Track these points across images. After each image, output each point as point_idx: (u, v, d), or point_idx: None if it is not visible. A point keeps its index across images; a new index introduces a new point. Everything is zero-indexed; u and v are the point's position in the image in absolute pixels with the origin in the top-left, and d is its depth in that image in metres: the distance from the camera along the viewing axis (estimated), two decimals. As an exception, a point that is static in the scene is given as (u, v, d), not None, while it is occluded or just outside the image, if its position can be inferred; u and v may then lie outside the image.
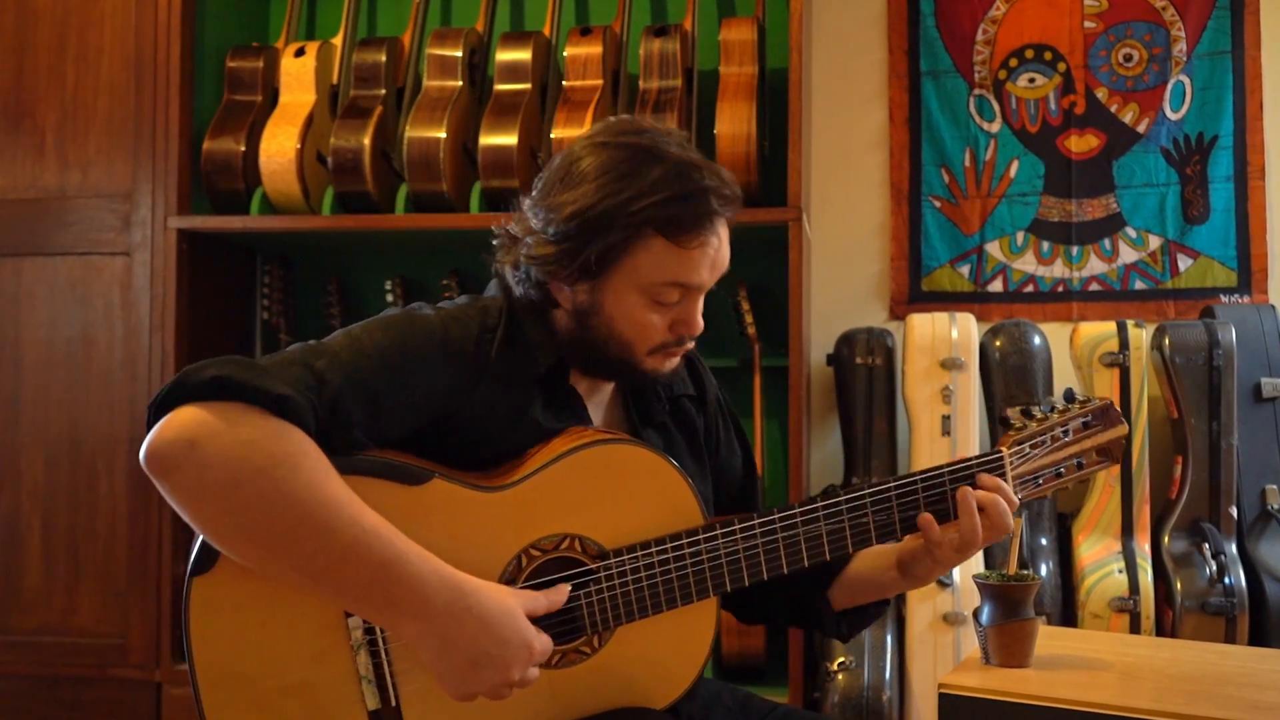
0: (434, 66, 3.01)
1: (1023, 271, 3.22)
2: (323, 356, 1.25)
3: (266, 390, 1.17)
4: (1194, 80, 3.17)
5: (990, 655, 1.51)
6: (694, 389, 1.56)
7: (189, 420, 1.16)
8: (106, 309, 3.00)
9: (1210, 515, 2.80)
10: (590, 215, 1.32)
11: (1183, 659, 1.59)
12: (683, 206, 1.32)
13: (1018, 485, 1.44)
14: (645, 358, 1.39)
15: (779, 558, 1.37)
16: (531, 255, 1.36)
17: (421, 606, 1.19)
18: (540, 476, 1.32)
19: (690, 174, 1.34)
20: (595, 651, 1.35)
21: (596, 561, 1.33)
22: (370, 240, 3.13)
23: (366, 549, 1.17)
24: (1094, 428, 1.48)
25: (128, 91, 3.01)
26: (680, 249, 1.33)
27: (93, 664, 2.96)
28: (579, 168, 1.35)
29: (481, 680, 1.21)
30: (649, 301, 1.36)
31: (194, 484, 1.15)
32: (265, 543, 1.17)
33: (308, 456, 1.17)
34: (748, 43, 2.96)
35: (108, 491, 2.97)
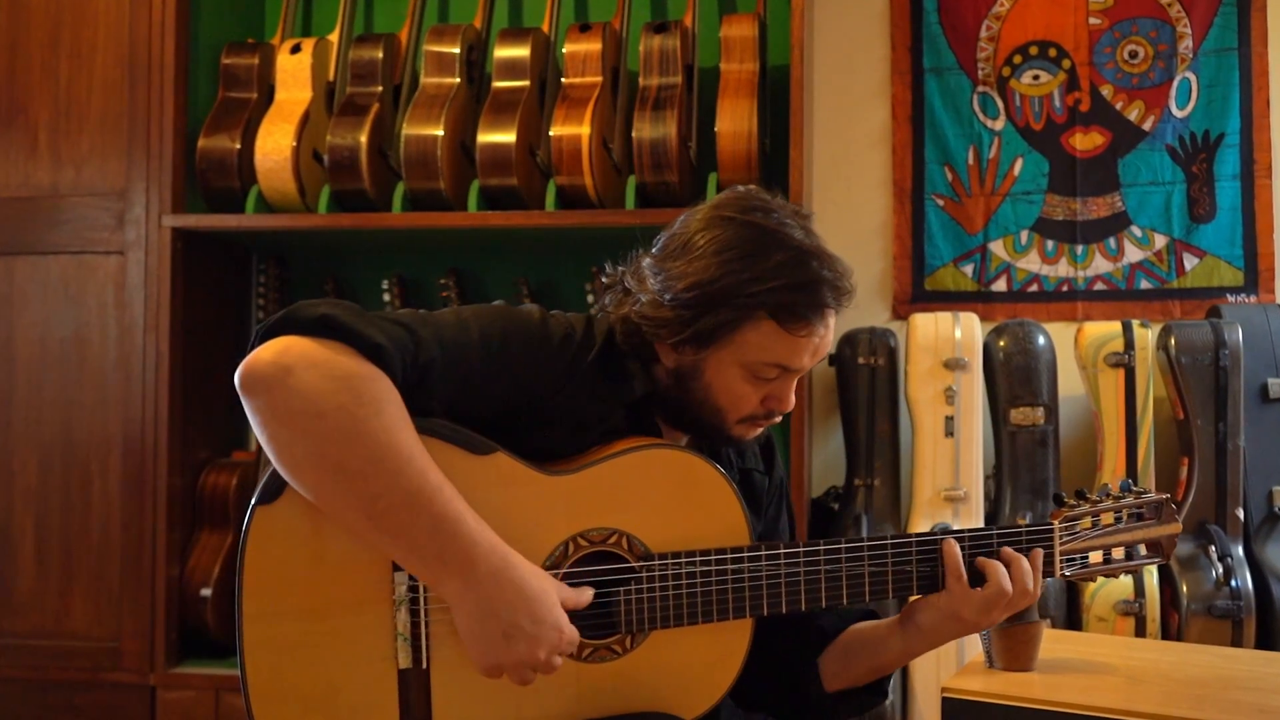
0: (431, 63, 3.01)
1: (1027, 271, 3.22)
2: (429, 326, 1.31)
3: (368, 337, 1.23)
4: (1200, 77, 3.17)
5: (994, 659, 1.51)
6: (764, 466, 1.60)
7: (290, 347, 1.22)
8: (100, 309, 3.00)
9: (1217, 517, 2.80)
10: (708, 290, 1.36)
11: (1189, 663, 1.59)
12: (798, 295, 1.36)
13: (1064, 563, 1.46)
14: (734, 425, 1.43)
15: (819, 590, 1.40)
16: (644, 315, 1.40)
17: (469, 566, 1.23)
18: (600, 468, 1.35)
19: (810, 263, 1.37)
20: (626, 652, 1.37)
21: (640, 561, 1.36)
22: (367, 239, 3.13)
23: (429, 500, 1.22)
24: (1148, 521, 1.50)
25: (122, 88, 3.00)
26: (789, 335, 1.37)
27: (86, 668, 2.95)
28: (703, 239, 1.39)
29: (511, 653, 1.24)
30: (748, 375, 1.40)
31: (280, 407, 1.20)
32: (334, 476, 1.21)
33: (390, 404, 1.23)
34: (748, 39, 2.96)
35: (101, 493, 2.97)
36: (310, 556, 1.27)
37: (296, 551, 1.27)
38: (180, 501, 2.99)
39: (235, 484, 3.05)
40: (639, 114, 2.89)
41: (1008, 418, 2.90)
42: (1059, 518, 1.47)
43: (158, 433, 2.93)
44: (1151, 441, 2.84)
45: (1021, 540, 1.45)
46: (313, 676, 1.27)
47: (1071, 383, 2.99)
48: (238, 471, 3.07)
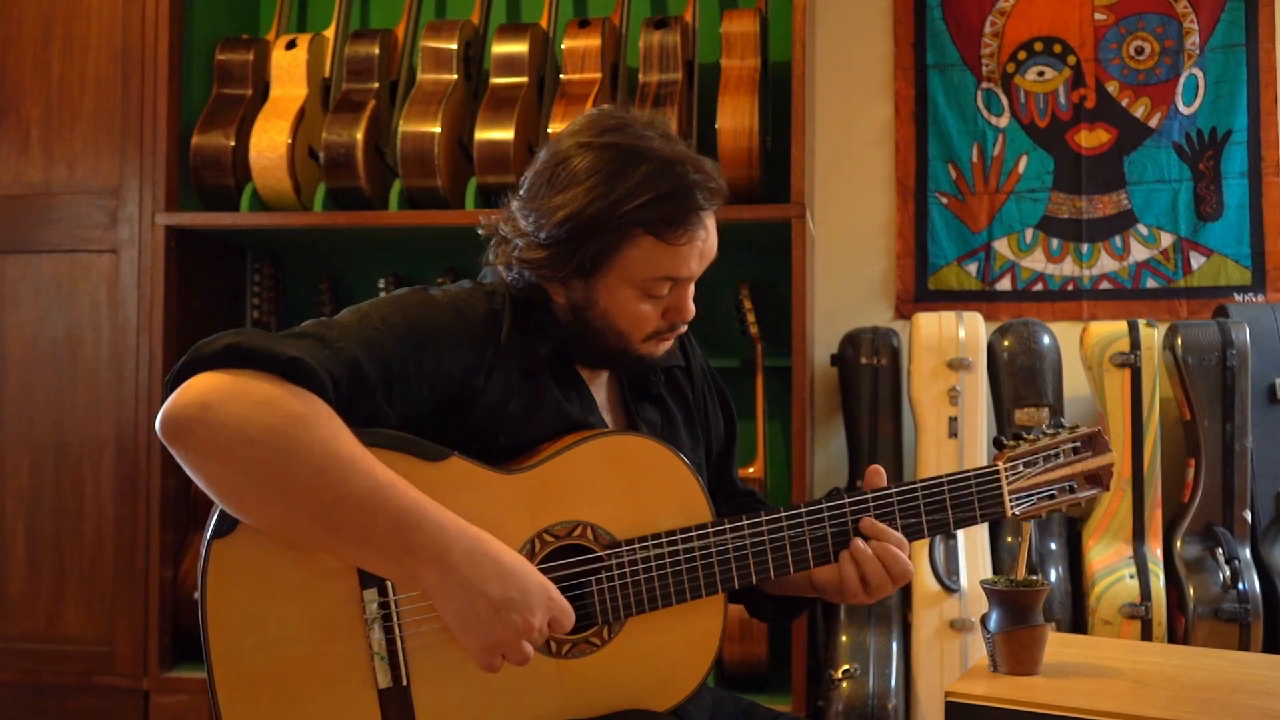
0: (428, 59, 3.01)
1: (1031, 269, 3.22)
2: (333, 328, 1.30)
3: (279, 354, 1.22)
4: (1207, 74, 3.17)
5: (998, 663, 1.51)
6: (683, 360, 1.62)
7: (203, 385, 1.20)
8: (93, 308, 3.00)
9: (1224, 519, 2.80)
10: (580, 219, 1.37)
11: (1195, 667, 1.59)
12: (670, 205, 1.37)
13: (1013, 503, 1.49)
14: (640, 345, 1.46)
15: (785, 556, 1.42)
16: (524, 259, 1.42)
17: (442, 552, 1.23)
18: (557, 462, 1.36)
19: (675, 170, 1.38)
20: (605, 643, 1.38)
21: (608, 550, 1.37)
22: (363, 237, 3.13)
23: (384, 498, 1.21)
24: (1084, 454, 1.55)
25: (115, 85, 3.01)
26: (669, 246, 1.39)
27: (79, 672, 2.95)
28: (567, 169, 1.40)
29: (505, 626, 1.24)
30: (641, 294, 1.42)
31: (208, 444, 1.19)
32: (281, 498, 1.21)
33: (320, 416, 1.21)
34: (750, 35, 2.96)
35: (94, 495, 2.97)
36: (274, 587, 1.26)
37: (259, 583, 1.25)
38: (174, 503, 2.99)
39: (230, 485, 3.05)
40: (639, 111, 2.88)
41: (1012, 419, 2.90)
42: (1002, 459, 1.51)
43: (151, 434, 2.93)
44: (1158, 442, 2.84)
45: (971, 486, 1.47)
46: (291, 709, 1.26)
47: (1077, 383, 2.99)
48: (232, 473, 3.07)
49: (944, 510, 1.46)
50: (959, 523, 1.47)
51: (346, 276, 3.34)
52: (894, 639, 2.78)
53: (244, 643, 1.25)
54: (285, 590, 1.26)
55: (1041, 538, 2.86)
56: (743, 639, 2.84)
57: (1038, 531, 2.86)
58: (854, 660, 2.74)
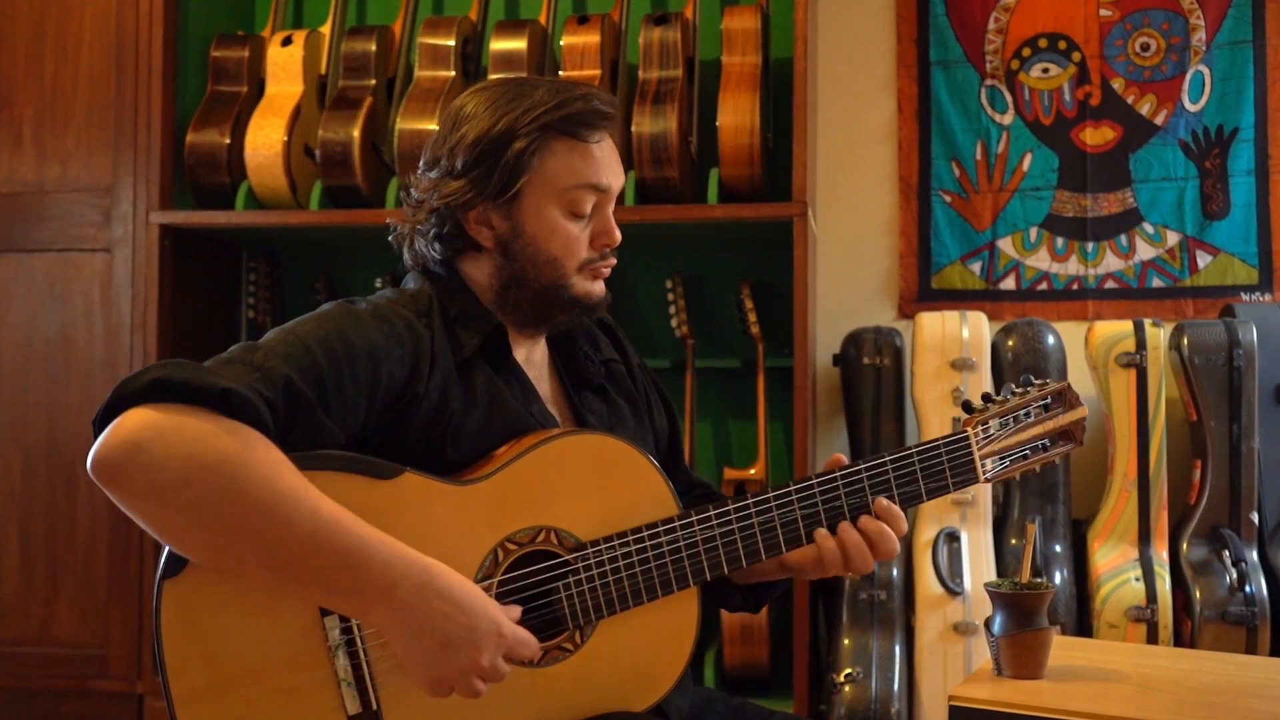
0: (426, 56, 3.01)
1: (1036, 269, 3.22)
2: (259, 350, 1.27)
3: (209, 386, 1.19)
4: (1214, 70, 3.17)
5: (1002, 666, 1.51)
6: (618, 355, 1.62)
7: (132, 424, 1.17)
8: (86, 307, 3.00)
9: (1230, 521, 2.80)
10: (491, 135, 1.41)
11: (1202, 670, 1.59)
12: (575, 106, 1.42)
13: (985, 465, 1.48)
14: (575, 277, 1.46)
15: (755, 542, 1.41)
16: (444, 195, 1.43)
17: (389, 591, 1.21)
18: (512, 469, 1.34)
19: (571, 87, 1.45)
20: (578, 648, 1.36)
21: (574, 554, 1.36)
22: (360, 235, 3.13)
23: (328, 538, 1.19)
24: (1054, 410, 1.54)
25: (108, 82, 3.01)
26: (583, 144, 1.43)
27: (72, 676, 2.96)
28: (464, 112, 1.45)
29: (452, 663, 1.23)
30: (566, 212, 1.44)
31: (142, 486, 1.17)
32: (222, 540, 1.19)
33: (256, 451, 1.19)
34: (751, 31, 2.96)
35: (87, 497, 2.97)
36: (231, 622, 1.24)
37: (216, 620, 1.23)
38: (168, 505, 2.99)
39: (225, 487, 3.05)
40: (638, 108, 2.89)
41: (1016, 419, 2.90)
42: (971, 424, 1.49)
43: (145, 435, 2.93)
44: (1164, 443, 2.84)
45: (941, 455, 1.45)
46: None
47: (1082, 383, 2.97)
48: (227, 474, 3.07)
49: (915, 481, 1.44)
50: (931, 492, 1.45)
51: (343, 275, 3.34)
52: (897, 642, 2.78)
53: (205, 682, 1.23)
54: (243, 625, 1.24)
55: (1046, 540, 2.86)
56: (744, 642, 2.84)
57: (1042, 534, 2.86)
58: (856, 664, 2.74)
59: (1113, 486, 2.85)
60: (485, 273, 1.46)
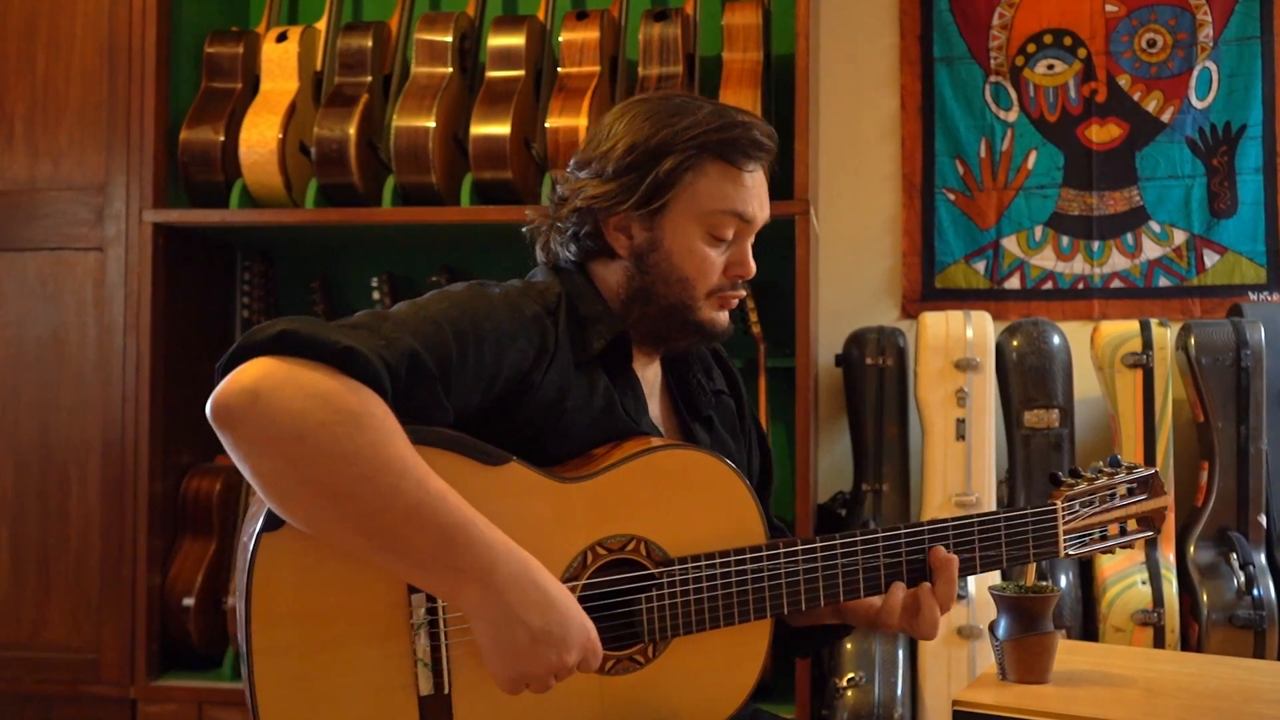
0: (422, 52, 3.01)
1: (1041, 268, 3.22)
2: (389, 320, 1.28)
3: (334, 343, 1.19)
4: (1221, 67, 3.17)
5: (1007, 671, 1.51)
6: (729, 389, 1.64)
7: (254, 373, 1.18)
8: (79, 307, 3.00)
9: (1238, 524, 2.80)
10: (646, 145, 1.42)
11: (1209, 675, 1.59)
12: (735, 132, 1.43)
13: (1067, 541, 1.50)
14: (703, 302, 1.47)
15: (836, 584, 1.42)
16: (590, 196, 1.45)
17: (487, 573, 1.21)
18: (615, 473, 1.36)
19: (734, 112, 1.46)
20: (649, 662, 1.38)
21: (659, 567, 1.37)
22: (356, 235, 3.13)
23: (432, 511, 1.20)
24: (1138, 495, 1.56)
25: (101, 79, 3.00)
26: (736, 170, 1.44)
27: (64, 680, 2.95)
28: (622, 123, 1.46)
29: (539, 660, 1.23)
30: (706, 235, 1.45)
31: (257, 436, 1.17)
32: (326, 500, 1.19)
33: (373, 415, 1.19)
34: (752, 27, 2.96)
35: (80, 499, 2.97)
36: (321, 584, 1.25)
37: (306, 580, 1.24)
38: (162, 508, 2.99)
39: (219, 489, 3.05)
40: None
41: (1021, 420, 2.90)
42: (1060, 497, 1.50)
43: (138, 436, 2.93)
44: (1170, 445, 2.84)
45: (1028, 524, 1.47)
46: (330, 711, 1.25)
47: (1087, 384, 2.99)
48: (221, 476, 3.07)
49: (998, 546, 1.47)
50: (1012, 560, 1.48)
51: (339, 275, 3.34)
52: (900, 646, 2.78)
53: (287, 640, 1.24)
54: (331, 590, 1.25)
55: (1051, 543, 2.86)
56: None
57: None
58: (859, 668, 2.74)
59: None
60: (615, 280, 1.48)
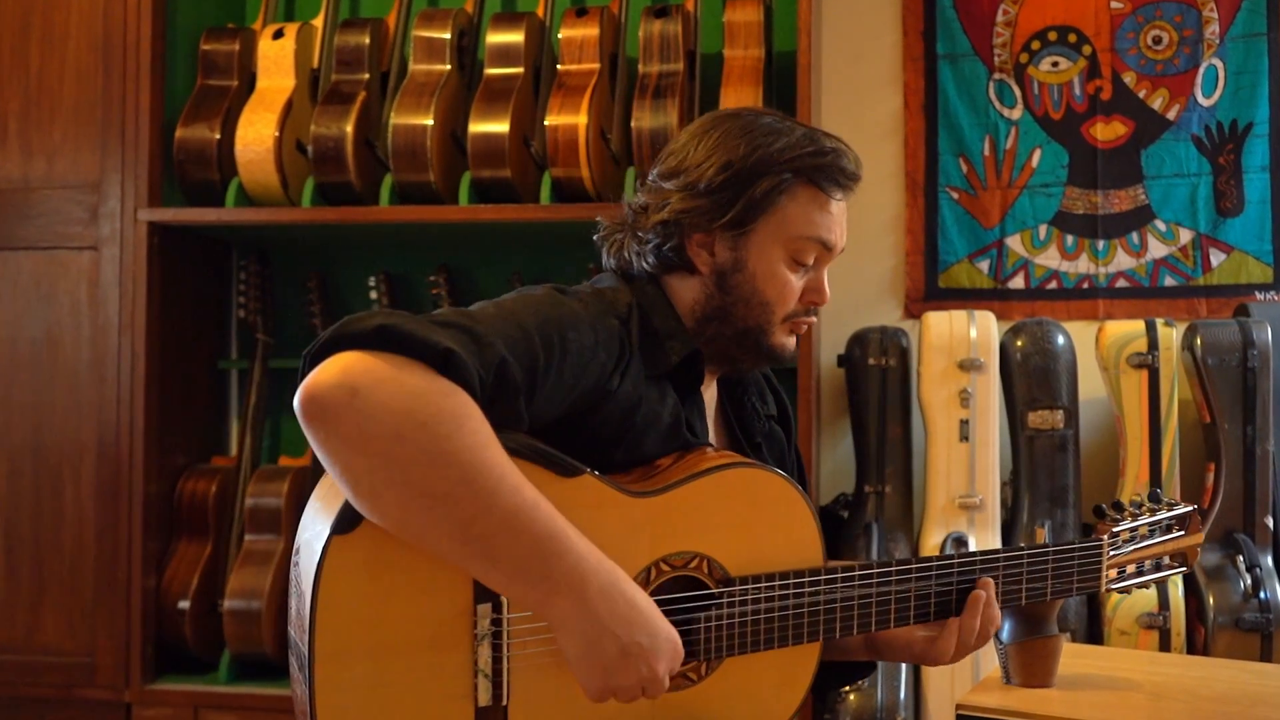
0: (420, 49, 3.01)
1: (1045, 267, 3.22)
2: (480, 323, 1.26)
3: (434, 344, 1.18)
4: (1227, 64, 3.17)
5: (1011, 674, 1.51)
6: (778, 415, 1.65)
7: (352, 366, 1.16)
8: (73, 307, 3.00)
9: (1244, 526, 2.80)
10: (744, 164, 1.42)
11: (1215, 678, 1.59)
12: (828, 158, 1.44)
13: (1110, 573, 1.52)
14: (778, 326, 1.47)
15: (889, 610, 1.44)
16: (678, 210, 1.44)
17: (580, 584, 1.21)
18: (682, 490, 1.36)
19: (826, 137, 1.47)
20: (701, 679, 1.39)
21: (720, 586, 1.38)
22: (353, 234, 3.13)
23: (529, 519, 1.19)
24: (1175, 531, 1.58)
25: (95, 76, 3.01)
26: (827, 198, 1.45)
27: (58, 684, 2.95)
28: (715, 134, 1.45)
29: (629, 672, 1.23)
30: (789, 259, 1.46)
31: (353, 433, 1.15)
32: (421, 503, 1.18)
33: (472, 418, 1.18)
34: (754, 24, 2.96)
35: (74, 501, 2.97)
36: (387, 591, 1.24)
37: (373, 586, 1.24)
38: (157, 509, 2.99)
39: (214, 491, 3.05)
40: (638, 103, 2.89)
41: (1025, 421, 2.90)
42: (1106, 532, 1.52)
43: (133, 437, 2.93)
44: (1176, 446, 2.84)
45: (1074, 558, 1.49)
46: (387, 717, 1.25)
47: (1092, 384, 2.99)
48: (217, 478, 3.07)
49: (1045, 579, 1.49)
50: (1056, 593, 1.50)
51: (336, 274, 3.34)
52: (903, 650, 2.77)
53: (350, 644, 1.23)
54: (398, 596, 1.24)
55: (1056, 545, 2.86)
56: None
57: (1052, 538, 2.86)
58: (862, 672, 2.74)
59: (1124, 490, 2.85)
60: (692, 296, 1.47)
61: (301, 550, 1.27)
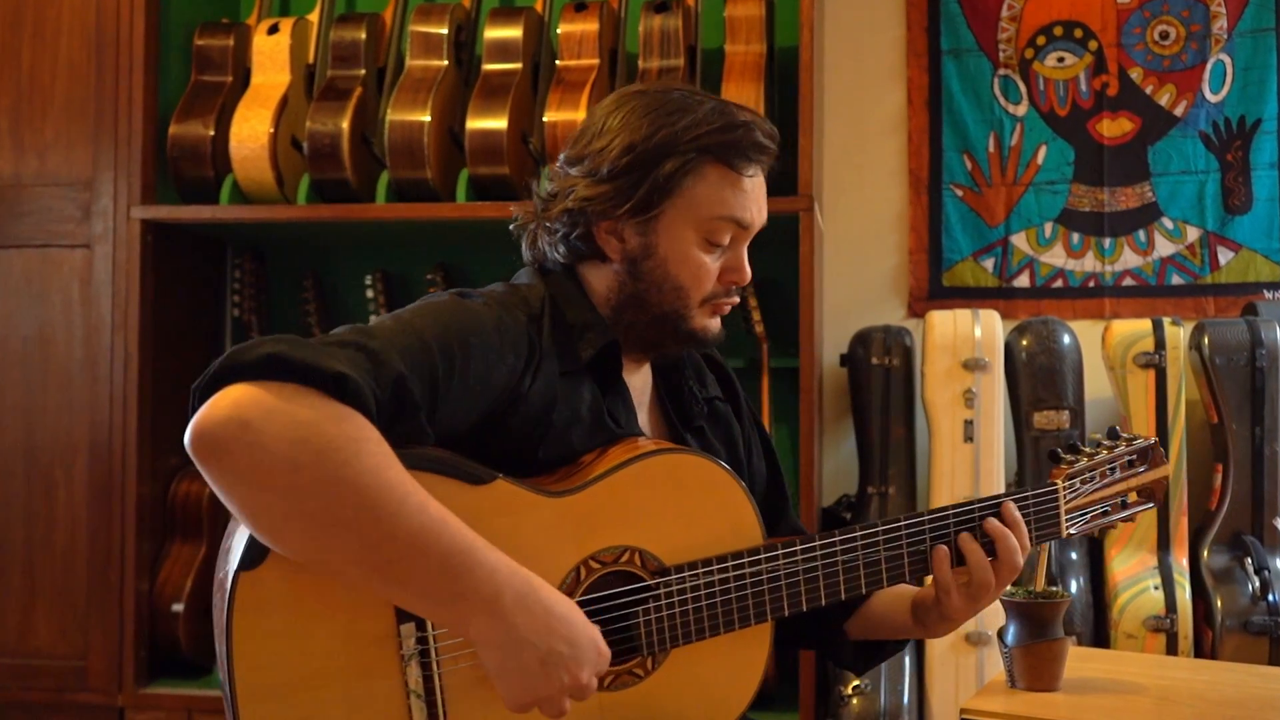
0: (417, 45, 3.01)
1: (1051, 265, 3.22)
2: (376, 339, 1.25)
3: (324, 369, 1.16)
4: (1235, 60, 3.17)
5: (1016, 678, 1.51)
6: (724, 393, 1.62)
7: (241, 398, 1.14)
8: (65, 305, 3.00)
9: (1253, 527, 2.80)
10: (646, 147, 1.39)
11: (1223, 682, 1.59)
12: (736, 134, 1.41)
13: (1069, 520, 1.49)
14: (697, 310, 1.45)
15: (837, 582, 1.41)
16: (583, 197, 1.42)
17: (493, 599, 1.20)
18: (604, 484, 1.35)
19: (735, 111, 1.43)
20: (648, 675, 1.37)
21: (656, 577, 1.36)
22: (349, 231, 3.13)
23: (435, 537, 1.18)
24: (1138, 467, 1.55)
25: (88, 72, 3.01)
26: (736, 175, 1.42)
27: (50, 688, 2.95)
28: (620, 114, 1.42)
29: (551, 682, 1.22)
30: (702, 241, 1.43)
31: (247, 468, 1.14)
32: (323, 532, 1.17)
33: (369, 441, 1.17)
34: (755, 19, 2.96)
35: (66, 502, 2.97)
36: (305, 621, 1.23)
37: (289, 619, 1.22)
38: (150, 511, 2.99)
39: (209, 492, 3.03)
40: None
41: (1030, 422, 2.90)
42: (1060, 476, 1.49)
43: (126, 438, 2.93)
44: (1184, 447, 2.84)
45: (1029, 506, 1.47)
46: None
47: (1098, 384, 2.99)
48: (211, 479, 3.07)
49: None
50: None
51: (331, 272, 3.34)
52: (906, 653, 2.78)
53: (273, 681, 1.22)
54: (317, 626, 1.23)
55: (1062, 547, 2.86)
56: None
57: (1058, 541, 2.86)
58: (864, 676, 2.74)
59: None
60: (605, 285, 1.46)
61: (216, 590, 1.25)
